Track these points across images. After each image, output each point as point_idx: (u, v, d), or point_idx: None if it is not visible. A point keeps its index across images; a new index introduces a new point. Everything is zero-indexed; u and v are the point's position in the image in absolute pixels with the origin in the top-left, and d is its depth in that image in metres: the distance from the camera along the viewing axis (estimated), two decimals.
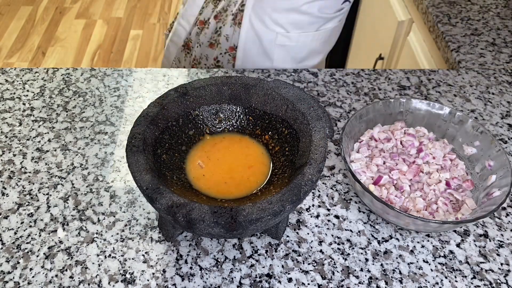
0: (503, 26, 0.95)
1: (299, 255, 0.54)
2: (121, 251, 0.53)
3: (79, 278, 0.51)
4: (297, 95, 0.55)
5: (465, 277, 0.53)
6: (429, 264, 0.53)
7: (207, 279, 0.51)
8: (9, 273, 0.51)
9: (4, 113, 0.69)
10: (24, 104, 0.71)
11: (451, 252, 0.55)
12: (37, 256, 0.53)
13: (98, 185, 0.60)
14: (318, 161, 0.48)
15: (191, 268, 0.52)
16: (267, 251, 0.54)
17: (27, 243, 0.54)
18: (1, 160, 0.63)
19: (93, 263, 0.52)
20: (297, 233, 0.56)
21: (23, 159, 0.63)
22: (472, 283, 0.52)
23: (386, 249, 0.55)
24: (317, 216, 0.58)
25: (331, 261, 0.53)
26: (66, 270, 0.52)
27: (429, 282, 0.52)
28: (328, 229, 0.56)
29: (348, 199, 0.60)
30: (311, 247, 0.54)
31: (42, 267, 0.52)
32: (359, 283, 0.51)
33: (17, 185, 0.60)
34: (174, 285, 0.51)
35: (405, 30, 1.26)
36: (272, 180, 0.52)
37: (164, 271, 0.52)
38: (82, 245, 0.54)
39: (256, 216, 0.43)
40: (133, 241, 0.54)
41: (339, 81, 0.77)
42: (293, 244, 0.55)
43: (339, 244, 0.55)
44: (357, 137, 0.62)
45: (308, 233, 0.56)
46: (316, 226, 0.57)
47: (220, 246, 0.54)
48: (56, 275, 0.51)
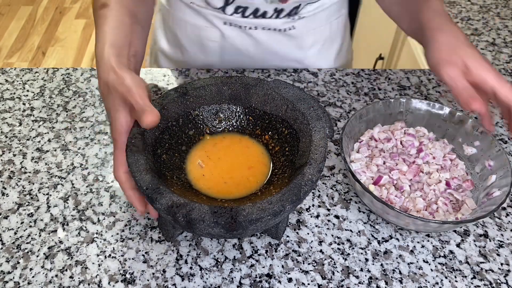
0: (503, 26, 0.95)
1: (299, 255, 0.54)
2: (121, 251, 0.53)
3: (79, 278, 0.51)
4: (297, 95, 0.55)
5: (465, 277, 0.53)
6: (429, 264, 0.53)
7: (207, 279, 0.51)
8: (9, 273, 0.51)
9: (4, 113, 0.70)
10: (24, 104, 0.71)
11: (451, 252, 0.55)
12: (37, 256, 0.53)
13: (98, 185, 0.60)
14: (318, 161, 0.48)
15: (191, 268, 0.52)
16: (267, 251, 0.54)
17: (27, 243, 0.54)
18: (1, 160, 0.63)
19: (93, 263, 0.52)
20: (297, 233, 0.56)
21: (23, 159, 0.63)
22: (472, 283, 0.52)
23: (386, 249, 0.55)
24: (317, 216, 0.58)
25: (331, 261, 0.53)
26: (66, 270, 0.52)
27: (429, 282, 0.52)
28: (328, 229, 0.56)
29: (348, 199, 0.60)
30: (311, 247, 0.54)
31: (42, 267, 0.52)
32: (359, 283, 0.51)
33: (17, 185, 0.60)
34: (174, 285, 0.51)
35: None
36: (272, 180, 0.52)
37: (164, 271, 0.52)
38: (82, 245, 0.54)
39: (256, 216, 0.43)
40: (133, 241, 0.54)
41: (339, 81, 0.77)
42: (293, 244, 0.55)
43: (339, 244, 0.55)
44: (357, 137, 0.62)
45: (308, 233, 0.56)
46: (316, 226, 0.57)
47: (220, 246, 0.54)
48: (56, 275, 0.51)
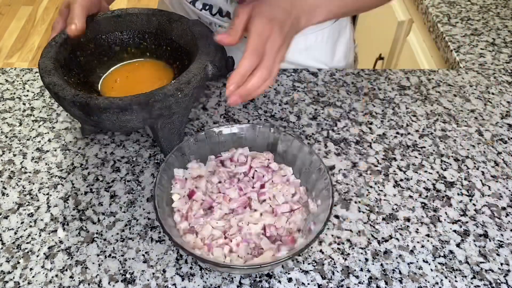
0: (503, 26, 0.95)
1: (299, 255, 0.54)
2: (121, 251, 0.53)
3: (79, 278, 0.51)
4: (205, 33, 0.62)
5: (465, 277, 0.53)
6: (429, 264, 0.54)
7: (207, 279, 0.51)
8: (9, 273, 0.51)
9: (4, 113, 0.70)
10: (24, 104, 0.71)
11: (451, 252, 0.55)
12: (37, 256, 0.53)
13: (98, 185, 0.60)
14: (181, 82, 0.54)
15: (191, 268, 0.52)
16: None
17: (27, 243, 0.54)
18: (1, 160, 0.63)
19: (93, 263, 0.52)
20: None
21: (23, 159, 0.63)
22: (472, 283, 0.52)
23: (386, 249, 0.55)
24: None
25: (331, 261, 0.53)
26: (66, 270, 0.52)
27: (429, 282, 0.52)
28: (328, 229, 0.56)
29: (348, 199, 0.60)
30: (311, 247, 0.54)
31: (42, 267, 0.52)
32: (359, 283, 0.51)
33: (17, 185, 0.60)
34: (174, 285, 0.51)
35: (405, 30, 1.27)
36: None
37: (164, 271, 0.52)
38: (82, 245, 0.54)
39: (104, 105, 0.52)
40: (133, 241, 0.54)
41: (339, 81, 0.77)
42: None
43: (339, 244, 0.55)
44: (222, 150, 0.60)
45: None
46: None
47: None
48: (56, 275, 0.51)
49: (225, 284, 0.51)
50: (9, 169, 0.62)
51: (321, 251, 0.54)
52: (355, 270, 0.53)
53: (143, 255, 0.53)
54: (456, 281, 0.52)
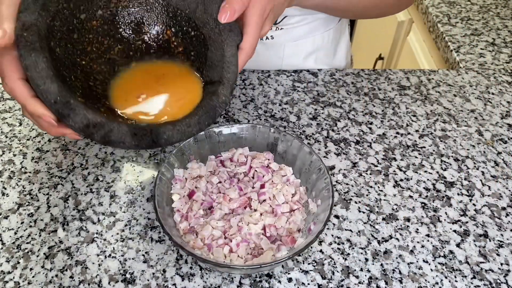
0: (503, 26, 0.95)
1: (299, 255, 0.54)
2: (121, 251, 0.53)
3: (79, 278, 0.51)
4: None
5: (465, 277, 0.53)
6: (429, 264, 0.54)
7: (207, 279, 0.51)
8: (9, 273, 0.51)
9: (4, 113, 0.70)
10: None
11: (451, 252, 0.55)
12: (37, 256, 0.53)
13: (98, 185, 0.60)
14: (231, 81, 0.46)
15: (191, 268, 0.52)
16: None
17: (27, 243, 0.54)
18: (1, 160, 0.63)
19: (93, 263, 0.52)
20: None
21: (23, 159, 0.63)
22: (472, 283, 0.52)
23: (386, 249, 0.55)
24: None
25: (331, 261, 0.53)
26: (66, 270, 0.52)
27: (429, 282, 0.52)
28: (328, 229, 0.56)
29: (348, 199, 0.60)
30: (311, 247, 0.54)
31: (42, 267, 0.52)
32: (359, 283, 0.51)
33: (17, 185, 0.60)
34: (174, 285, 0.51)
35: (405, 30, 1.27)
36: None
37: (164, 271, 0.52)
38: (82, 245, 0.54)
39: (176, 139, 0.44)
40: (133, 241, 0.54)
41: (339, 81, 0.77)
42: None
43: (339, 244, 0.55)
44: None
45: None
46: None
47: None
48: (56, 275, 0.51)
49: (225, 284, 0.51)
50: (9, 169, 0.62)
51: (321, 251, 0.54)
52: (355, 270, 0.53)
53: (143, 255, 0.53)
54: (456, 281, 0.52)
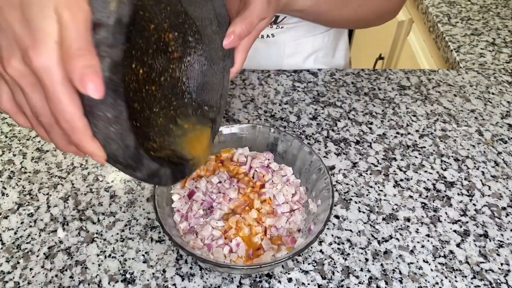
0: (503, 26, 0.95)
1: (299, 255, 0.54)
2: (121, 251, 0.53)
3: (79, 278, 0.51)
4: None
5: (465, 277, 0.53)
6: (429, 264, 0.53)
7: (207, 279, 0.51)
8: (9, 273, 0.51)
9: (4, 113, 0.69)
10: None
11: (451, 252, 0.55)
12: (37, 256, 0.53)
13: (98, 185, 0.60)
14: (218, 126, 0.49)
15: (191, 268, 0.52)
16: None
17: (27, 243, 0.54)
18: (1, 160, 0.63)
19: (93, 263, 0.52)
20: None
21: (23, 159, 0.63)
22: (472, 283, 0.52)
23: (386, 249, 0.55)
24: None
25: (331, 261, 0.53)
26: (66, 270, 0.52)
27: (429, 282, 0.52)
28: (328, 229, 0.56)
29: (348, 199, 0.60)
30: (311, 247, 0.54)
31: (42, 267, 0.52)
32: (359, 283, 0.51)
33: (17, 185, 0.60)
34: (174, 285, 0.51)
35: (405, 30, 1.27)
36: None
37: (164, 271, 0.52)
38: (82, 245, 0.54)
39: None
40: (133, 241, 0.54)
41: (339, 81, 0.77)
42: None
43: (339, 244, 0.55)
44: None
45: None
46: None
47: None
48: (56, 275, 0.51)
49: (225, 284, 0.51)
50: (9, 169, 0.62)
51: (321, 251, 0.54)
52: (355, 270, 0.53)
53: (143, 255, 0.53)
54: (456, 281, 0.52)
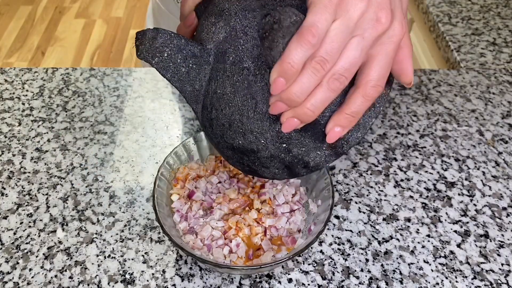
0: (503, 25, 0.95)
1: (299, 256, 0.53)
2: (121, 251, 0.53)
3: (78, 278, 0.51)
4: None
5: (466, 277, 0.52)
6: (430, 264, 0.53)
7: (207, 279, 0.51)
8: (8, 273, 0.51)
9: (3, 113, 0.69)
10: (23, 104, 0.71)
11: (452, 252, 0.55)
12: (37, 256, 0.53)
13: (97, 185, 0.60)
14: None
15: (191, 268, 0.52)
16: None
17: (27, 243, 0.54)
18: (1, 160, 0.63)
19: (93, 264, 0.52)
20: None
21: (22, 159, 0.63)
22: (472, 284, 0.52)
23: (386, 249, 0.55)
24: None
25: (331, 261, 0.53)
26: (65, 270, 0.51)
27: (429, 282, 0.52)
28: (328, 229, 0.56)
29: (348, 199, 0.59)
30: (311, 248, 0.54)
31: (41, 267, 0.52)
32: (360, 283, 0.51)
33: (17, 185, 0.60)
34: (173, 285, 0.50)
35: None
36: None
37: (164, 271, 0.52)
38: (81, 246, 0.54)
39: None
40: (132, 241, 0.54)
41: None
42: None
43: (339, 244, 0.55)
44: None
45: None
46: None
47: None
48: (55, 276, 0.51)
49: (225, 284, 0.51)
50: (8, 169, 0.62)
51: (321, 251, 0.54)
52: (356, 270, 0.52)
53: (143, 256, 0.53)
54: (456, 282, 0.52)
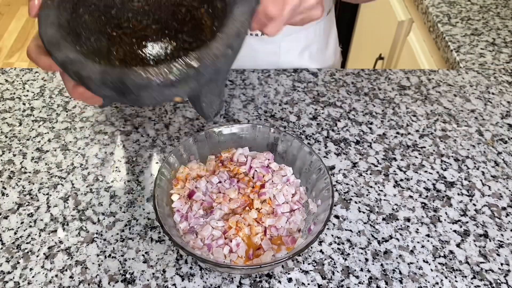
0: (503, 26, 0.95)
1: (299, 255, 0.54)
2: (121, 251, 0.53)
3: (79, 278, 0.51)
4: None
5: (465, 277, 0.53)
6: (429, 264, 0.53)
7: (207, 279, 0.51)
8: (9, 273, 0.51)
9: (4, 113, 0.69)
10: (24, 104, 0.71)
11: (451, 252, 0.55)
12: (37, 256, 0.53)
13: (98, 185, 0.60)
14: (229, 35, 0.42)
15: (191, 268, 0.52)
16: None
17: (27, 243, 0.54)
18: (1, 160, 0.63)
19: (93, 263, 0.52)
20: None
21: (23, 159, 0.63)
22: (472, 283, 0.52)
23: (386, 249, 0.55)
24: None
25: (331, 261, 0.53)
26: (66, 270, 0.52)
27: (429, 282, 0.52)
28: (328, 229, 0.56)
29: (348, 199, 0.60)
30: (311, 247, 0.54)
31: (42, 267, 0.52)
32: (359, 283, 0.51)
33: (17, 185, 0.60)
34: (174, 285, 0.51)
35: (405, 30, 1.26)
36: None
37: (164, 271, 0.52)
38: (82, 245, 0.54)
39: (144, 83, 0.39)
40: (133, 241, 0.54)
41: (339, 81, 0.77)
42: None
43: (339, 244, 0.55)
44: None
45: None
46: None
47: None
48: (56, 275, 0.51)
49: (225, 284, 0.51)
50: (9, 169, 0.62)
51: (321, 251, 0.54)
52: (355, 270, 0.53)
53: (143, 255, 0.53)
54: (456, 281, 0.52)
